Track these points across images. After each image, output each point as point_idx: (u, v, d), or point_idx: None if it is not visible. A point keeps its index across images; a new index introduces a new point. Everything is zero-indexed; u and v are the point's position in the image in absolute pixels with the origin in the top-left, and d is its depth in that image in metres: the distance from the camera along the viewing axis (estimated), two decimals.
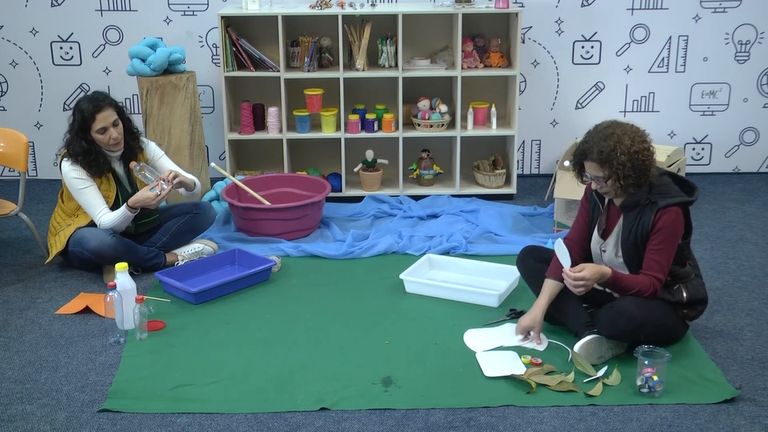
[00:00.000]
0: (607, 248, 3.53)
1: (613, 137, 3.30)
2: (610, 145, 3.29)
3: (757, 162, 5.92)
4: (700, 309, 3.54)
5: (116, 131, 4.18)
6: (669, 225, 3.33)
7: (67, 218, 4.34)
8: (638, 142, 3.32)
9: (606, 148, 3.29)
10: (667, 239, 3.35)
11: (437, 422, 3.09)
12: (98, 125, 4.14)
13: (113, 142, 4.18)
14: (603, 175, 3.34)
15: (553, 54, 5.68)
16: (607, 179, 3.34)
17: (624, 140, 3.29)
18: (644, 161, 3.31)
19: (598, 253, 3.58)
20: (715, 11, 5.58)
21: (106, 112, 4.15)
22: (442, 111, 5.44)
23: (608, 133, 3.32)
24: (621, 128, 3.35)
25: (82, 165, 4.19)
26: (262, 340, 3.69)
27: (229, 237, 4.78)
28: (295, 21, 5.49)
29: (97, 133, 4.15)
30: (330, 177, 5.49)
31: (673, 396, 3.22)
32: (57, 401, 3.24)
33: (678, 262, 3.45)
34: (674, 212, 3.35)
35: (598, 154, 3.31)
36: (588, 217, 3.61)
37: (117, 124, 4.19)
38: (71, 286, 4.24)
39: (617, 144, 3.29)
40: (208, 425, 3.08)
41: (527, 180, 5.82)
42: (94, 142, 4.18)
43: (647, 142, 3.36)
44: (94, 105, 4.14)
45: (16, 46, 5.69)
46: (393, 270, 4.28)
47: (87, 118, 4.13)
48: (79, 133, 4.16)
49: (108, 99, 4.21)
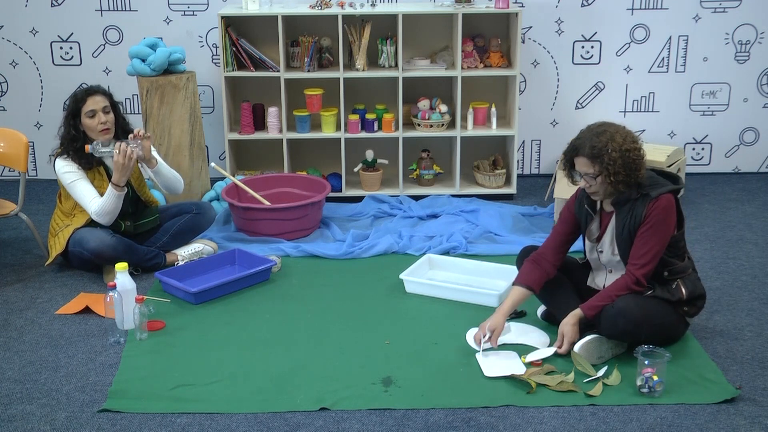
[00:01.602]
0: (603, 248, 3.54)
1: (606, 134, 3.35)
2: (602, 141, 3.33)
3: (757, 162, 5.92)
4: (700, 305, 3.54)
5: (106, 117, 4.22)
6: (661, 212, 3.35)
7: (65, 219, 4.34)
8: (629, 141, 3.36)
9: (598, 144, 3.33)
10: (656, 228, 3.35)
11: (437, 422, 3.09)
12: (88, 107, 4.19)
13: (101, 127, 4.20)
14: (593, 171, 3.36)
15: (553, 54, 5.68)
16: (597, 176, 3.36)
17: (616, 138, 3.33)
18: (635, 160, 3.34)
19: (595, 257, 3.59)
20: (715, 11, 5.58)
21: (98, 97, 4.23)
22: (442, 111, 5.44)
23: (600, 131, 3.37)
24: (613, 127, 3.40)
25: (72, 158, 4.22)
26: (262, 340, 3.69)
27: (229, 237, 4.78)
28: (295, 21, 5.49)
29: (86, 116, 4.19)
30: (330, 177, 5.49)
31: (673, 396, 3.22)
32: (57, 401, 3.24)
33: (676, 254, 3.46)
34: (666, 199, 3.37)
35: (590, 149, 3.34)
36: (566, 230, 3.61)
37: (108, 111, 4.24)
38: (71, 286, 4.24)
39: (609, 141, 3.32)
40: (208, 425, 3.08)
41: (527, 180, 5.82)
42: (83, 131, 4.22)
43: (638, 143, 3.39)
44: (87, 90, 4.27)
45: (16, 46, 5.69)
46: (393, 270, 4.28)
47: (78, 100, 4.21)
48: (70, 119, 4.23)
49: (102, 89, 4.30)
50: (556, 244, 3.62)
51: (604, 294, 3.43)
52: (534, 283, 3.55)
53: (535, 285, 3.55)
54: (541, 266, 3.57)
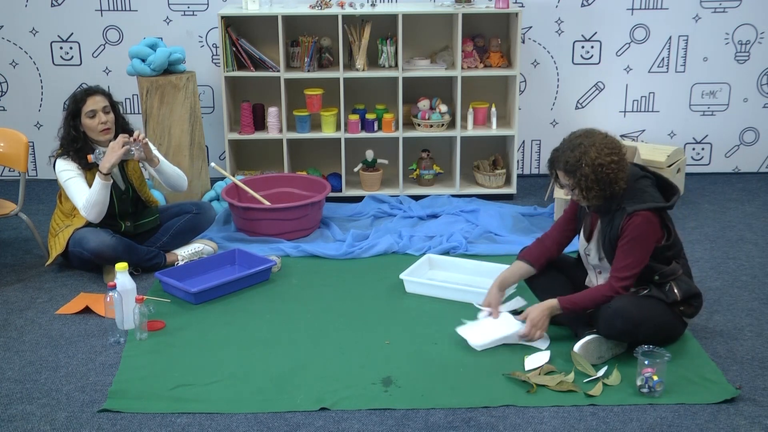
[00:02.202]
0: (590, 252, 3.56)
1: (580, 148, 3.34)
2: (575, 155, 3.33)
3: (757, 162, 5.92)
4: (697, 304, 3.53)
5: (106, 117, 4.22)
6: (636, 229, 3.34)
7: (65, 219, 4.34)
8: (605, 154, 3.32)
9: (571, 159, 3.34)
10: (634, 243, 3.35)
11: (437, 422, 3.09)
12: (88, 107, 4.19)
13: (102, 128, 4.20)
14: (569, 183, 3.40)
15: (553, 54, 5.67)
16: (573, 188, 3.40)
17: (590, 152, 3.32)
18: (608, 174, 3.32)
19: (584, 255, 3.60)
20: (715, 11, 5.58)
21: (98, 97, 4.23)
22: (442, 111, 5.44)
23: (576, 143, 3.37)
24: (590, 139, 3.36)
25: (72, 158, 4.22)
26: (262, 340, 3.69)
27: (229, 237, 4.78)
28: (295, 21, 5.49)
29: (86, 117, 4.19)
30: (330, 177, 5.49)
31: (673, 396, 3.22)
32: (57, 401, 3.24)
33: (661, 261, 3.45)
34: (643, 216, 3.34)
35: (564, 164, 3.37)
36: (572, 217, 3.66)
37: (108, 111, 4.24)
38: (71, 286, 4.24)
39: (582, 155, 3.32)
40: (208, 425, 3.08)
41: (527, 180, 5.82)
42: (83, 132, 4.22)
43: (618, 154, 3.35)
44: (87, 90, 4.27)
45: (16, 46, 5.69)
46: (393, 270, 4.28)
47: (78, 100, 4.22)
48: (70, 119, 4.23)
49: (102, 89, 4.30)
50: (562, 222, 3.67)
51: (584, 294, 3.46)
52: (533, 259, 3.62)
53: (535, 260, 3.62)
54: (543, 243, 3.65)
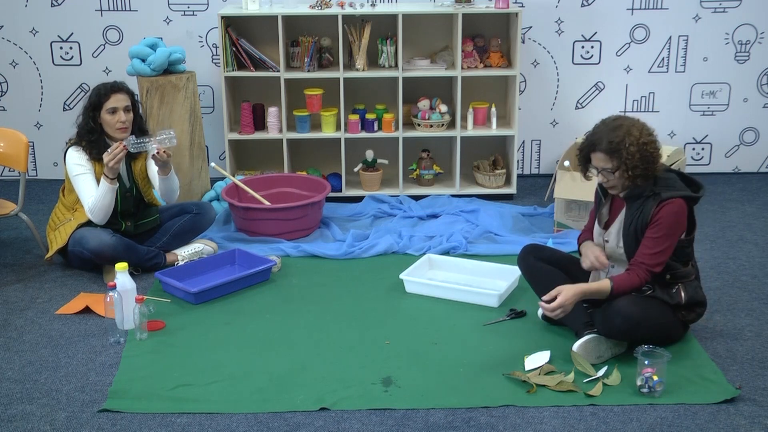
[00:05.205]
0: (609, 238, 3.54)
1: (622, 128, 3.34)
2: (619, 135, 3.32)
3: (757, 162, 5.92)
4: (699, 312, 3.53)
5: (125, 116, 4.21)
6: (669, 216, 3.34)
7: (67, 212, 4.35)
8: (646, 134, 3.36)
9: (615, 138, 3.33)
10: (665, 230, 3.34)
11: (437, 422, 3.09)
12: (111, 104, 4.18)
13: (120, 126, 4.20)
14: (611, 166, 3.36)
15: (553, 54, 5.67)
16: (615, 170, 3.36)
17: (633, 131, 3.34)
18: (652, 153, 3.35)
19: (601, 243, 3.59)
20: (715, 11, 5.58)
21: (121, 95, 4.22)
22: (442, 111, 5.44)
23: (617, 125, 3.37)
24: (629, 121, 3.40)
25: (84, 148, 4.21)
26: (262, 340, 3.69)
27: (229, 237, 4.78)
28: (295, 21, 5.49)
29: (107, 113, 4.19)
30: (330, 177, 5.49)
31: (673, 396, 3.22)
32: (57, 401, 3.24)
33: (681, 260, 3.45)
34: (677, 204, 3.35)
35: (608, 144, 3.34)
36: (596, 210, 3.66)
37: (128, 111, 4.24)
38: (71, 286, 4.24)
39: (626, 135, 3.32)
40: (208, 425, 3.08)
41: (527, 180, 5.82)
42: (101, 125, 4.21)
43: (654, 136, 3.40)
44: (112, 85, 4.25)
45: (16, 46, 5.69)
46: (393, 270, 4.28)
47: (102, 94, 4.20)
48: (90, 110, 4.22)
49: (126, 87, 4.30)
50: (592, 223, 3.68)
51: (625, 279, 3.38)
52: None
53: None
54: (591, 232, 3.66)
